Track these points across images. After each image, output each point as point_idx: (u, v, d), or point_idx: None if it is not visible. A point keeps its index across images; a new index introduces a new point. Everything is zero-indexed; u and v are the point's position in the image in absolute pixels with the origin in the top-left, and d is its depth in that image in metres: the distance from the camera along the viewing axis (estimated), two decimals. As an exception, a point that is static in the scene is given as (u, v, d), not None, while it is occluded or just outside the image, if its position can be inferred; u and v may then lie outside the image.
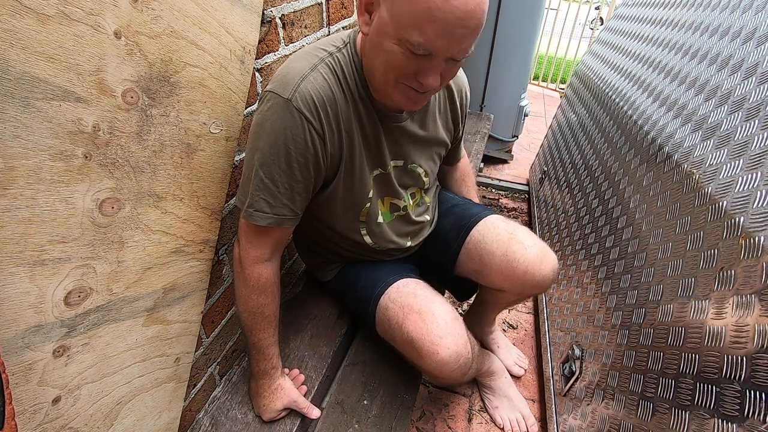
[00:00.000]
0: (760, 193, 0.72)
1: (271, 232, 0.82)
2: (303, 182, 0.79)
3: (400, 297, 0.93)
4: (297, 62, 0.76)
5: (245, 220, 0.80)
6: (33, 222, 0.51)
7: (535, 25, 2.44)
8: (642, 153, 1.20)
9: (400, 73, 0.70)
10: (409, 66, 0.68)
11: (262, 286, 0.84)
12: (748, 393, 0.61)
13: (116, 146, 0.59)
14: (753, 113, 0.84)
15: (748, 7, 1.08)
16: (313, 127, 0.75)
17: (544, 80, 4.60)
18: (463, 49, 0.66)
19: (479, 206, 1.17)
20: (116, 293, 0.65)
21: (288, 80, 0.73)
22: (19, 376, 0.53)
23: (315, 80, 0.74)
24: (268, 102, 0.74)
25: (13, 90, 0.46)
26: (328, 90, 0.76)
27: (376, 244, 1.01)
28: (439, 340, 0.85)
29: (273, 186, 0.77)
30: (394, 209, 1.00)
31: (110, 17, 0.54)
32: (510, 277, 1.02)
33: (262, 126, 0.74)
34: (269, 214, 0.79)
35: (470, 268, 1.09)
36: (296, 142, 0.74)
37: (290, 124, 0.73)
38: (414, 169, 0.96)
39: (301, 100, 0.73)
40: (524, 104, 2.66)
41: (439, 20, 0.61)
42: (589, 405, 1.03)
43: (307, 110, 0.73)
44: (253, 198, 0.77)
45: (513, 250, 1.00)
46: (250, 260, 0.82)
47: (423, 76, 0.69)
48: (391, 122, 0.86)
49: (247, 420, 0.94)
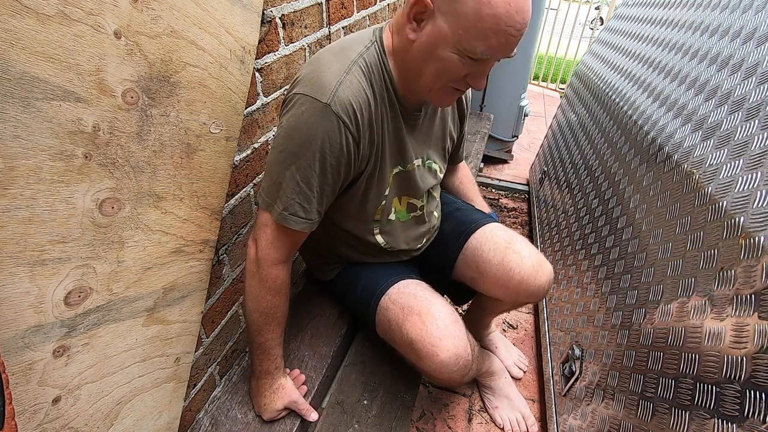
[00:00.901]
0: (760, 193, 0.72)
1: (294, 234, 0.81)
2: (332, 185, 0.79)
3: (400, 298, 0.93)
4: (329, 64, 0.75)
5: (278, 222, 0.79)
6: (33, 222, 0.51)
7: (535, 25, 2.44)
8: (642, 153, 1.20)
9: (452, 77, 0.74)
10: (463, 70, 0.72)
11: (278, 287, 0.84)
12: (748, 393, 0.61)
13: (116, 146, 0.59)
14: (753, 113, 0.84)
15: (748, 7, 1.08)
16: (350, 132, 0.75)
17: (544, 80, 4.60)
18: (511, 52, 0.71)
19: (480, 213, 1.18)
20: (116, 293, 0.65)
21: (324, 84, 0.72)
22: (19, 376, 0.53)
23: (351, 84, 0.74)
24: (302, 105, 0.72)
25: (13, 90, 0.46)
26: (363, 94, 0.76)
27: (388, 244, 1.00)
28: (439, 342, 0.84)
29: (308, 190, 0.76)
30: (411, 209, 1.00)
31: (110, 17, 0.54)
32: (505, 286, 1.02)
33: (297, 129, 0.73)
34: (304, 219, 0.78)
35: (467, 274, 1.09)
36: (332, 147, 0.74)
37: (328, 129, 0.73)
38: (431, 165, 0.97)
39: (340, 105, 0.72)
40: (524, 104, 2.66)
41: (503, 32, 0.66)
42: (589, 405, 1.03)
43: (345, 116, 0.73)
44: (288, 202, 0.77)
45: (509, 260, 1.00)
46: (270, 261, 0.82)
47: (475, 79, 0.74)
48: (411, 120, 0.87)
49: (247, 420, 0.94)
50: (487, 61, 0.71)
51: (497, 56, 0.70)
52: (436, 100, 0.81)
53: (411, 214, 1.00)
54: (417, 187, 0.96)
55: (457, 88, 0.76)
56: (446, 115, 0.98)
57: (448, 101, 0.82)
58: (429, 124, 0.93)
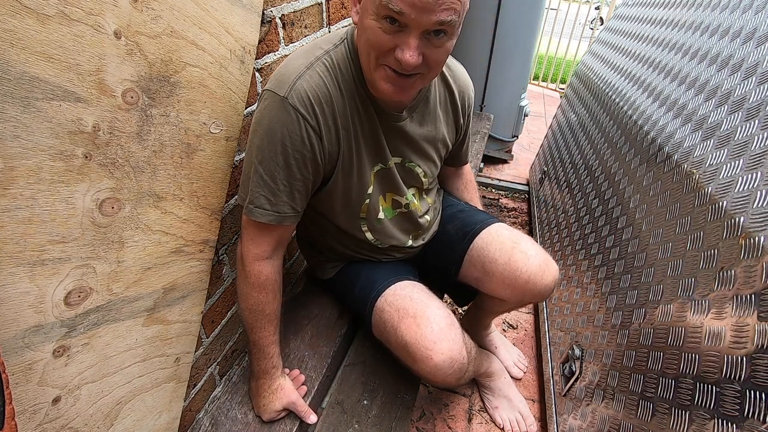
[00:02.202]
0: (760, 193, 0.72)
1: (272, 229, 0.82)
2: (302, 180, 0.80)
3: (396, 300, 0.93)
4: (294, 61, 0.77)
5: (246, 216, 0.81)
6: (33, 222, 0.51)
7: (535, 25, 2.44)
8: (642, 153, 1.20)
9: (379, 50, 0.70)
10: (386, 41, 0.68)
11: (263, 284, 0.84)
12: (748, 393, 0.61)
13: (116, 146, 0.59)
14: (753, 113, 0.84)
15: (748, 7, 1.08)
16: (309, 124, 0.75)
17: (544, 80, 4.60)
18: (436, 22, 0.64)
19: (484, 213, 1.18)
20: (116, 293, 0.65)
21: (284, 79, 0.74)
22: (19, 376, 0.53)
23: (311, 78, 0.75)
24: (265, 101, 0.75)
25: (13, 90, 0.46)
26: (323, 87, 0.76)
27: (377, 240, 1.01)
28: (433, 345, 0.84)
29: (272, 183, 0.77)
30: (396, 206, 1.00)
31: (110, 17, 0.54)
32: (512, 286, 1.02)
33: (259, 123, 0.75)
34: (269, 211, 0.79)
35: (472, 275, 1.09)
36: (293, 139, 0.75)
37: (286, 122, 0.74)
38: (412, 167, 0.96)
39: (296, 97, 0.73)
40: (524, 104, 2.66)
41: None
42: (589, 405, 1.03)
43: (302, 107, 0.74)
44: (253, 194, 0.78)
45: (516, 260, 1.00)
46: (251, 257, 0.83)
47: (400, 51, 0.68)
48: (390, 121, 0.86)
49: (247, 420, 0.94)
50: (407, 31, 0.66)
51: (410, 21, 0.64)
52: (382, 89, 0.75)
53: (396, 210, 1.00)
54: (399, 184, 0.96)
55: (388, 66, 0.71)
56: (438, 120, 0.96)
57: (393, 89, 0.74)
58: (416, 127, 0.92)
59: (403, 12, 0.63)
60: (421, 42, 0.67)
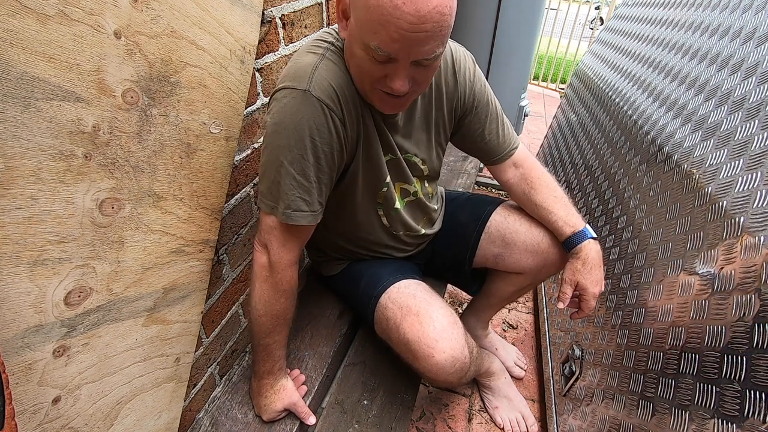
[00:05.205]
0: (760, 193, 0.72)
1: (303, 231, 0.81)
2: (328, 173, 0.78)
3: (399, 297, 0.93)
4: (303, 57, 0.75)
5: (283, 222, 0.77)
6: (33, 222, 0.51)
7: (535, 25, 2.44)
8: (642, 153, 1.20)
9: (371, 78, 0.70)
10: (376, 71, 0.68)
11: (291, 290, 0.84)
12: (748, 393, 0.61)
13: (116, 146, 0.59)
14: (753, 113, 0.84)
15: (748, 7, 1.08)
16: (334, 113, 0.74)
17: (544, 80, 4.60)
18: (425, 52, 0.64)
19: (496, 198, 1.18)
20: (116, 293, 0.64)
21: (301, 73, 0.72)
22: (19, 376, 0.53)
23: (328, 67, 0.74)
24: (283, 99, 0.72)
25: (13, 90, 0.46)
26: (341, 75, 0.75)
27: (391, 226, 1.02)
28: (435, 344, 0.84)
29: (306, 182, 0.76)
30: (405, 194, 1.01)
31: (110, 17, 0.54)
32: (535, 251, 1.03)
33: (281, 123, 0.72)
34: (308, 212, 0.78)
35: (491, 252, 1.10)
36: (320, 132, 0.73)
37: (312, 115, 0.72)
38: (409, 158, 0.96)
39: (318, 88, 0.72)
40: (524, 104, 2.66)
41: (391, 25, 0.60)
42: (589, 405, 1.03)
43: (327, 97, 0.72)
44: (289, 198, 0.76)
45: (538, 224, 1.02)
46: (284, 264, 0.81)
47: (390, 80, 0.68)
48: (387, 118, 0.86)
49: (247, 420, 0.94)
50: (395, 62, 0.65)
51: (398, 56, 0.63)
52: (379, 106, 0.76)
53: (406, 199, 1.01)
54: (407, 173, 0.96)
55: (384, 91, 0.71)
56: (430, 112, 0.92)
57: (389, 107, 0.75)
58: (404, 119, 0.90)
59: (391, 54, 0.64)
60: (410, 70, 0.67)
